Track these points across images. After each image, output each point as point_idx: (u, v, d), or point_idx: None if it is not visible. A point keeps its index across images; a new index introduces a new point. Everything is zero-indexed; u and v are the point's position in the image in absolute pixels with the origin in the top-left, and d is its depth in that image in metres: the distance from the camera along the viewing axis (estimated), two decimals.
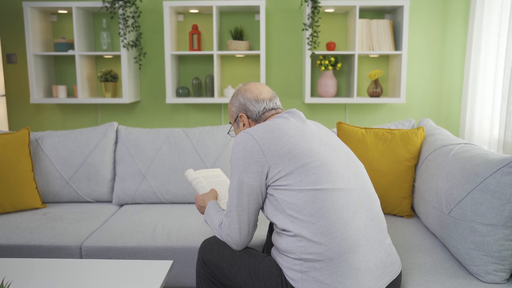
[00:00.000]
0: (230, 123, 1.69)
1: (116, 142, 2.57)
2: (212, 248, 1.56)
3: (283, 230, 1.40)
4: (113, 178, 2.54)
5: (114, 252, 1.94)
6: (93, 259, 1.85)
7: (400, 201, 2.18)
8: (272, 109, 1.60)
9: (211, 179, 2.02)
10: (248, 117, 1.60)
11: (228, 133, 1.72)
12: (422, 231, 1.98)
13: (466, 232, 1.60)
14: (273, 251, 1.50)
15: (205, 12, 3.43)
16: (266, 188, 1.44)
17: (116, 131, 2.59)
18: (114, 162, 2.55)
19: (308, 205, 1.36)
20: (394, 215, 2.23)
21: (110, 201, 2.55)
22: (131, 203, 2.49)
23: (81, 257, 1.96)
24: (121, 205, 2.52)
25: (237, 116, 1.63)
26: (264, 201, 1.47)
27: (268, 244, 1.83)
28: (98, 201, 2.54)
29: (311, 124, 1.55)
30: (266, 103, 1.60)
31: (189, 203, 2.48)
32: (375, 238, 1.42)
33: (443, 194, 1.78)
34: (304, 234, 1.35)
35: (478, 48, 3.07)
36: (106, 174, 2.51)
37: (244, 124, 1.61)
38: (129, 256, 1.94)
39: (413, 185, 2.19)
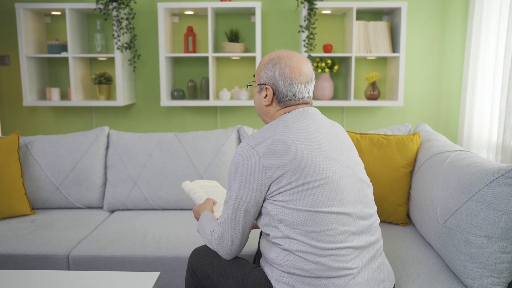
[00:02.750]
0: (254, 76, 1.55)
1: (107, 147, 2.53)
2: (202, 257, 1.52)
3: (274, 242, 1.37)
4: (104, 184, 2.50)
5: (102, 262, 1.90)
6: (78, 270, 1.81)
7: (396, 209, 2.14)
8: (301, 98, 1.46)
9: (208, 188, 2.00)
10: (273, 93, 1.46)
11: (247, 85, 1.57)
12: (417, 240, 1.94)
13: (461, 244, 1.56)
14: (262, 261, 1.47)
15: (200, 14, 3.39)
16: (263, 201, 1.39)
17: (108, 136, 2.55)
18: (105, 168, 2.51)
19: (301, 226, 1.32)
20: (390, 222, 2.18)
21: (101, 207, 2.51)
22: (122, 209, 2.45)
23: (68, 266, 1.92)
24: (112, 211, 2.48)
25: (264, 85, 1.47)
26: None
27: (259, 254, 1.79)
28: (88, 207, 2.50)
29: (325, 131, 1.43)
30: (300, 88, 1.44)
31: (181, 209, 2.44)
32: (369, 256, 1.39)
33: (438, 203, 1.73)
34: (294, 250, 1.33)
35: (477, 50, 3.02)
36: (97, 179, 2.46)
37: (266, 96, 1.46)
38: (117, 266, 1.89)
39: (409, 192, 2.15)
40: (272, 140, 1.35)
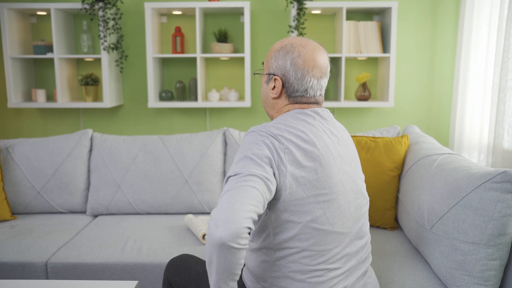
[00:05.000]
0: (262, 63, 1.40)
1: (90, 150, 2.48)
2: (178, 269, 1.46)
3: (260, 249, 1.28)
4: (87, 188, 2.44)
5: (81, 269, 1.85)
6: (55, 280, 1.75)
7: (383, 213, 2.09)
8: (313, 96, 1.32)
9: (206, 220, 2.08)
10: (283, 86, 1.31)
11: (254, 73, 1.43)
12: (404, 245, 1.89)
13: (447, 250, 1.51)
14: (245, 273, 1.39)
15: (189, 14, 3.34)
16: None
17: (91, 139, 2.49)
18: (89, 171, 2.45)
19: (296, 239, 1.22)
20: (377, 227, 2.14)
21: (84, 212, 2.46)
22: (105, 214, 2.40)
23: (46, 274, 1.86)
24: (96, 216, 2.42)
25: (272, 75, 1.33)
26: None
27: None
28: (71, 212, 2.44)
29: (337, 139, 1.31)
30: (312, 84, 1.30)
31: (165, 213, 2.39)
32: (357, 275, 1.33)
33: (425, 208, 1.69)
34: (282, 266, 1.24)
35: (468, 51, 2.99)
36: (80, 183, 2.41)
37: (274, 87, 1.32)
38: (97, 273, 1.84)
39: (397, 196, 2.10)
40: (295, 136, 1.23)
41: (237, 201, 1.05)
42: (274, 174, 1.17)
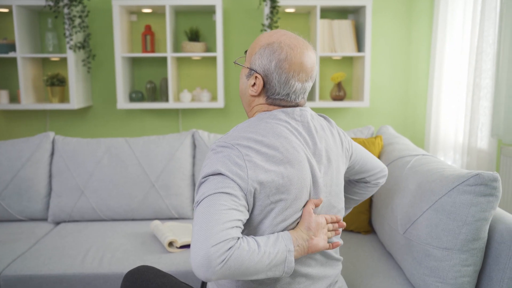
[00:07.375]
0: (245, 52, 1.28)
1: (52, 154, 2.35)
2: (136, 282, 1.36)
3: None
4: (49, 194, 2.32)
5: (37, 282, 1.73)
6: None
7: (357, 216, 2.03)
8: (294, 100, 1.22)
9: (174, 227, 2.02)
10: (264, 86, 1.21)
11: (235, 62, 1.30)
12: (378, 250, 1.83)
13: (421, 256, 1.45)
14: (210, 285, 1.31)
15: (159, 12, 3.23)
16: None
17: (52, 142, 2.37)
18: (50, 176, 2.33)
19: None
20: (351, 231, 2.07)
21: (45, 219, 2.33)
22: (68, 221, 2.28)
23: None
24: (58, 223, 2.30)
25: (254, 72, 1.21)
26: None
27: None
28: (32, 219, 2.31)
29: (306, 138, 1.22)
30: (295, 89, 1.20)
31: (132, 219, 2.28)
32: (326, 284, 1.27)
33: (399, 212, 1.63)
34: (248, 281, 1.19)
35: (443, 50, 2.96)
36: (41, 189, 2.28)
37: (254, 84, 1.22)
38: (54, 286, 1.73)
39: (371, 199, 2.04)
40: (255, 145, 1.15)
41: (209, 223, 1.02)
42: (238, 185, 1.09)
